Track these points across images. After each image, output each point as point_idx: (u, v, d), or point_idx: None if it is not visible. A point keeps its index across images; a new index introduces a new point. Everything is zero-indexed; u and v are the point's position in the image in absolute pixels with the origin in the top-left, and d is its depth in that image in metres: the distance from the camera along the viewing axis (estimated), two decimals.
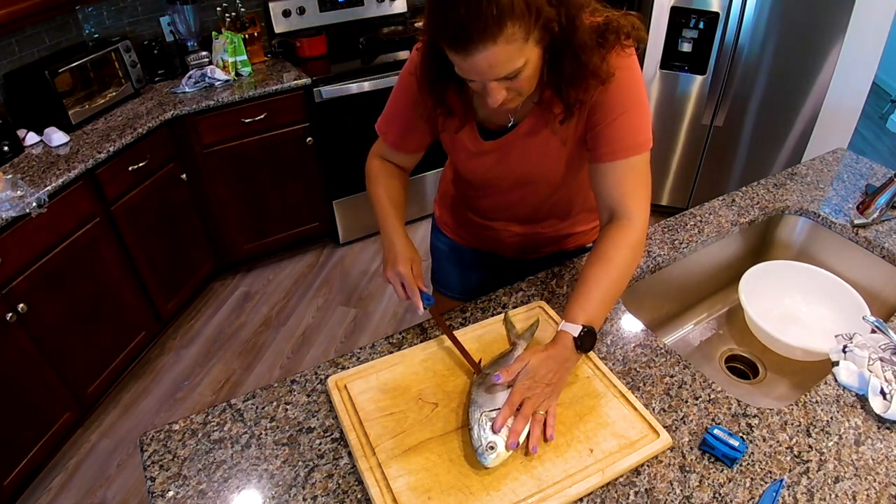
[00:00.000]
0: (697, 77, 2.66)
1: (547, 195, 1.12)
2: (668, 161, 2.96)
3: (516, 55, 0.77)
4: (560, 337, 0.90)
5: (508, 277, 1.19)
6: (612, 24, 0.86)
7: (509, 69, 0.78)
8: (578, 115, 0.94)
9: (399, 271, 1.03)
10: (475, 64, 0.77)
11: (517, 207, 1.17)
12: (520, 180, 1.09)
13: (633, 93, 0.92)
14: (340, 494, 0.81)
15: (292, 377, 1.00)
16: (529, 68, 0.81)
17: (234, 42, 2.51)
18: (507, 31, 0.73)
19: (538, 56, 0.81)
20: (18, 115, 2.13)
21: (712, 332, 1.44)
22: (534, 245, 1.25)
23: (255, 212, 2.70)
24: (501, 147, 1.02)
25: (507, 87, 0.83)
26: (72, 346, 1.98)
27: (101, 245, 2.06)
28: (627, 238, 0.95)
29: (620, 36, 0.87)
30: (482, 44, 0.74)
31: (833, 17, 2.36)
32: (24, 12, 1.89)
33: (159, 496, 0.82)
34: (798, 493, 0.79)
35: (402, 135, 1.13)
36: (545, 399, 0.86)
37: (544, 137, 0.99)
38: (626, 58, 0.89)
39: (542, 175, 1.06)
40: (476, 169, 1.10)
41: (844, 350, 1.00)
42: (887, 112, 4.33)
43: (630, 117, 0.92)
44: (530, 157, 1.02)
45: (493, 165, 1.06)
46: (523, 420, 0.83)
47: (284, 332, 2.54)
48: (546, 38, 0.80)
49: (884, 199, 1.29)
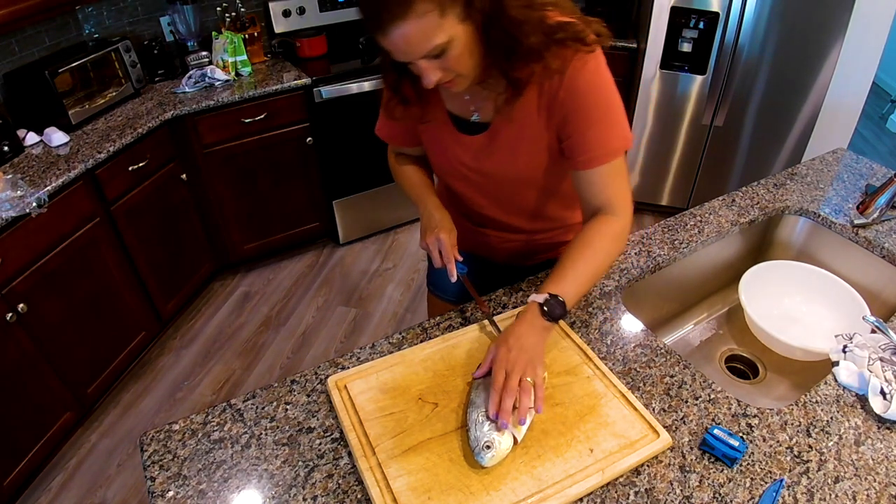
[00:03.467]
0: (697, 77, 2.66)
1: (532, 200, 1.11)
2: (668, 161, 2.96)
3: (433, 31, 0.77)
4: (526, 307, 0.94)
5: (503, 283, 1.18)
6: (571, 25, 0.85)
7: (429, 46, 0.78)
8: (548, 119, 0.94)
9: (440, 237, 1.05)
10: (393, 43, 0.78)
11: (503, 213, 1.16)
12: (498, 181, 1.07)
13: (604, 97, 0.91)
14: (340, 494, 0.81)
15: (292, 377, 1.00)
16: (457, 46, 0.80)
17: (234, 42, 2.51)
18: (418, 7, 0.74)
19: (468, 34, 0.81)
20: (18, 115, 2.13)
21: (712, 332, 1.44)
22: (527, 252, 1.24)
23: (255, 212, 2.70)
24: (477, 143, 1.02)
25: (439, 66, 0.83)
26: (72, 347, 1.98)
27: (101, 245, 2.06)
28: (611, 227, 0.97)
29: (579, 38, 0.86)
30: (392, 22, 0.75)
31: (833, 17, 2.36)
32: (24, 12, 1.89)
33: (159, 496, 0.82)
34: (798, 493, 0.79)
35: (401, 133, 1.15)
36: (527, 365, 0.86)
37: (518, 136, 0.98)
38: (591, 61, 0.88)
39: (522, 177, 1.05)
40: (452, 166, 1.09)
41: (844, 350, 1.00)
42: (887, 112, 4.33)
43: (604, 122, 0.92)
44: (505, 157, 1.01)
45: (470, 163, 1.06)
46: (511, 394, 0.84)
47: (284, 332, 2.54)
48: (475, 16, 0.79)
49: (884, 199, 1.29)
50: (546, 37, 0.84)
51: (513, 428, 0.83)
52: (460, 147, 1.05)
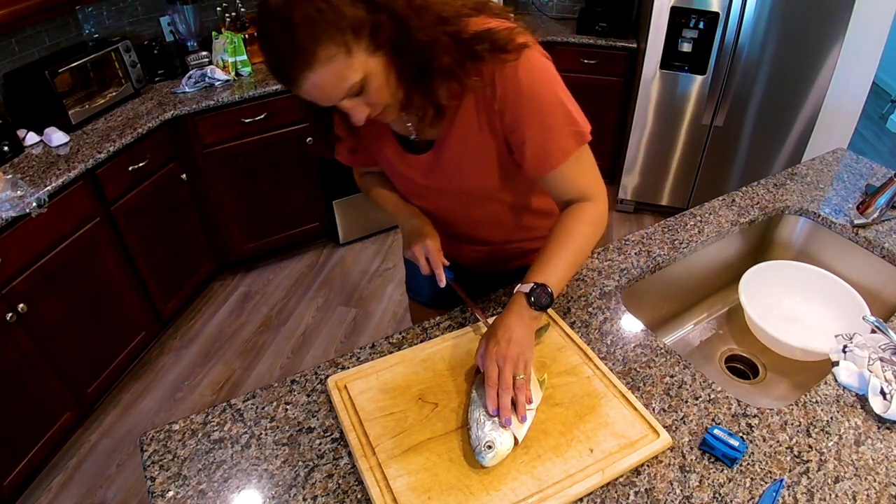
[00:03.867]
0: (697, 77, 2.66)
1: (496, 213, 1.10)
2: (668, 161, 2.96)
3: (345, 72, 0.74)
4: (514, 297, 0.93)
5: (479, 289, 1.17)
6: (490, 34, 0.82)
7: (345, 87, 0.76)
8: (490, 130, 0.91)
9: (426, 244, 1.04)
10: (309, 93, 0.76)
11: (468, 227, 1.15)
12: (453, 197, 1.06)
13: (543, 98, 0.87)
14: (340, 494, 0.81)
15: (292, 377, 1.00)
16: (376, 79, 0.78)
17: (234, 42, 2.51)
18: (320, 54, 0.71)
19: (382, 65, 0.77)
20: (18, 115, 2.13)
21: (712, 332, 1.44)
22: (498, 260, 1.22)
23: (255, 212, 2.70)
24: (424, 161, 1.00)
25: (363, 102, 0.80)
26: (72, 347, 1.98)
27: (101, 245, 2.06)
28: (588, 213, 0.96)
29: (498, 47, 0.82)
30: (301, 75, 0.73)
31: (833, 17, 2.36)
32: (24, 12, 1.89)
33: (159, 496, 0.82)
34: (798, 493, 0.79)
35: (360, 157, 1.13)
36: (518, 358, 0.86)
37: (462, 151, 0.95)
38: (522, 65, 0.84)
39: (476, 192, 1.03)
40: (407, 185, 1.08)
41: (844, 350, 1.00)
42: (887, 112, 4.33)
43: (550, 124, 0.89)
44: (454, 172, 0.99)
45: (420, 181, 1.04)
46: (507, 389, 0.84)
47: (284, 332, 2.54)
48: (385, 46, 0.76)
49: (884, 199, 1.29)
50: (460, 54, 0.80)
51: (514, 427, 0.83)
52: (409, 167, 1.03)
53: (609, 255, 1.26)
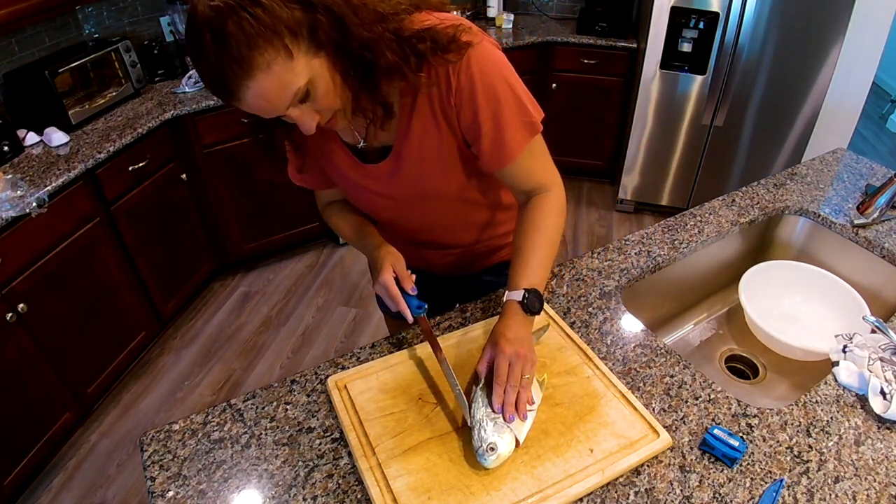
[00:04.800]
0: (697, 77, 2.66)
1: (462, 214, 1.08)
2: (668, 161, 2.96)
3: (287, 77, 0.71)
4: (507, 306, 0.92)
5: (451, 293, 1.16)
6: (431, 32, 0.80)
7: (289, 94, 0.73)
8: (448, 125, 0.90)
9: (381, 281, 0.97)
10: (252, 105, 0.73)
11: (434, 234, 1.13)
12: (417, 203, 1.03)
13: (496, 91, 0.86)
14: (340, 494, 0.81)
15: (292, 377, 1.00)
16: (321, 83, 0.75)
17: None
18: (259, 60, 0.68)
19: (325, 67, 0.74)
20: (18, 115, 2.13)
21: (712, 332, 1.44)
22: (467, 262, 1.21)
23: (255, 212, 2.70)
24: (382, 170, 0.97)
25: (311, 109, 0.78)
26: (72, 347, 1.98)
27: (101, 245, 2.06)
28: (551, 205, 0.97)
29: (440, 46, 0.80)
30: (241, 86, 0.69)
31: (833, 17, 2.36)
32: (24, 12, 1.89)
33: (159, 496, 0.82)
34: (798, 493, 0.79)
35: (315, 177, 1.09)
36: (526, 358, 0.87)
37: (421, 153, 0.94)
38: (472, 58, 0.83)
39: (439, 194, 1.01)
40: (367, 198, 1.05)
41: (844, 350, 1.00)
42: (887, 112, 4.33)
43: (505, 118, 0.87)
44: (414, 176, 0.96)
45: (381, 190, 1.01)
46: (515, 388, 0.84)
47: (284, 332, 2.54)
48: (327, 47, 0.74)
49: (884, 199, 1.29)
50: (403, 51, 0.78)
51: (515, 427, 0.83)
52: (366, 177, 0.99)
53: (609, 255, 1.26)
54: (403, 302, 0.96)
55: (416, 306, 0.97)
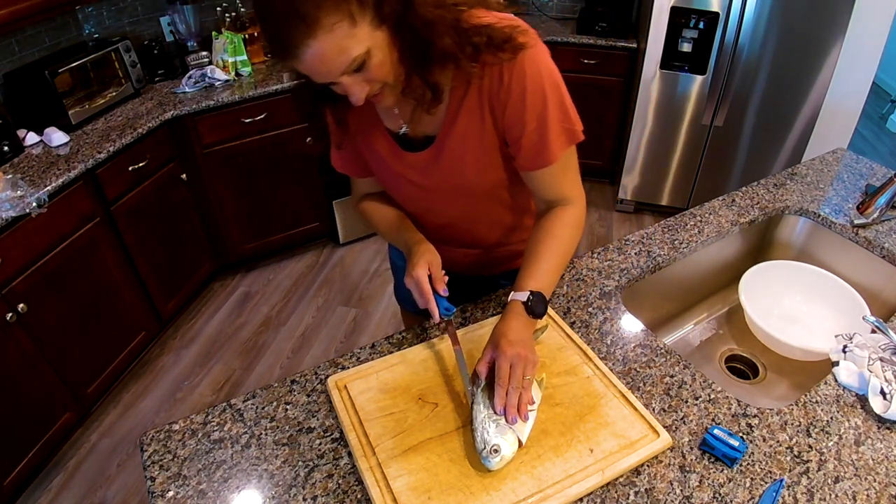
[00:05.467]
0: (697, 77, 2.66)
1: (491, 213, 1.09)
2: (668, 161, 2.96)
3: (348, 43, 0.73)
4: (511, 306, 0.92)
5: (470, 292, 1.16)
6: (488, 30, 0.82)
7: (346, 61, 0.74)
8: (493, 121, 0.91)
9: (414, 275, 0.96)
10: (309, 65, 0.74)
11: (462, 231, 1.13)
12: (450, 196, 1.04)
13: (546, 96, 0.88)
14: (340, 494, 0.81)
15: (292, 377, 1.00)
16: (377, 55, 0.77)
17: (234, 42, 2.51)
18: (325, 21, 0.70)
19: (385, 41, 0.77)
20: (18, 115, 2.13)
21: (712, 332, 1.44)
22: (489, 262, 1.21)
23: (255, 212, 2.70)
24: (423, 159, 0.98)
25: (363, 80, 0.79)
26: (72, 347, 1.98)
27: (101, 245, 2.06)
28: (570, 216, 0.98)
29: (494, 44, 0.82)
30: (302, 43, 0.71)
31: (833, 17, 2.36)
32: (24, 12, 1.89)
33: (159, 496, 0.82)
34: (798, 493, 0.79)
35: (354, 161, 1.09)
36: (527, 360, 0.86)
37: (464, 145, 0.95)
38: (528, 59, 0.85)
39: (475, 189, 1.02)
40: (402, 187, 1.06)
41: (844, 350, 1.00)
42: (887, 112, 4.33)
43: (550, 121, 0.89)
44: (455, 168, 0.98)
45: (419, 180, 1.02)
46: (517, 390, 0.84)
47: (284, 332, 2.54)
48: (389, 20, 0.76)
49: (884, 199, 1.29)
50: (460, 39, 0.80)
51: (518, 428, 0.83)
52: (406, 165, 1.00)
53: (609, 255, 1.26)
54: (433, 301, 0.95)
55: (444, 308, 0.96)
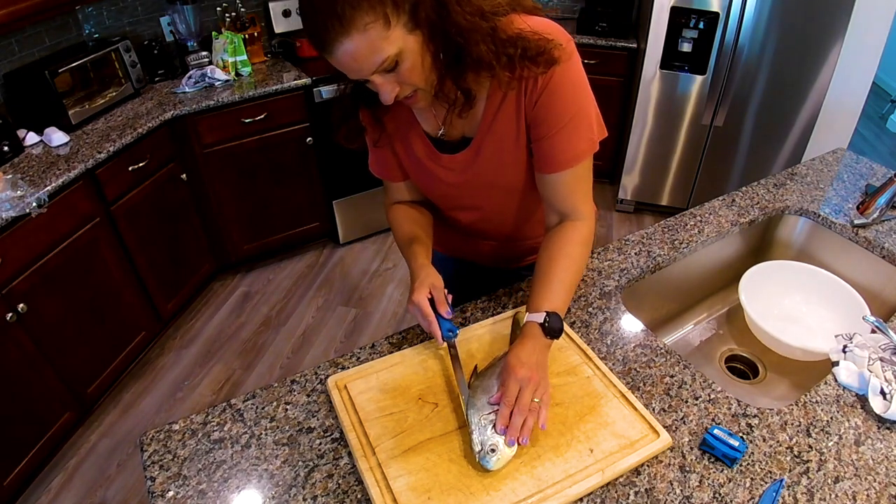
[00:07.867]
0: (697, 77, 2.66)
1: (523, 207, 1.11)
2: (668, 161, 2.96)
3: (380, 44, 0.75)
4: (527, 328, 0.92)
5: (490, 286, 1.17)
6: (523, 42, 0.83)
7: (378, 60, 0.76)
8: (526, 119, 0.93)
9: (414, 300, 0.96)
10: (341, 62, 0.77)
11: (492, 225, 1.15)
12: (485, 195, 1.06)
13: (575, 101, 0.90)
14: (340, 494, 0.81)
15: (292, 377, 1.00)
16: (409, 58, 0.78)
17: (234, 42, 2.51)
18: (359, 21, 0.72)
19: (418, 44, 0.78)
20: (18, 115, 2.13)
21: (712, 332, 1.44)
22: (513, 255, 1.23)
23: (255, 212, 2.70)
24: (460, 161, 1.00)
25: (394, 80, 0.81)
26: (72, 347, 1.98)
27: (101, 245, 2.06)
28: (580, 234, 0.99)
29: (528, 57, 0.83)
30: (336, 40, 0.74)
31: (833, 17, 2.36)
32: (24, 12, 1.89)
33: (159, 496, 0.82)
34: (798, 493, 0.79)
35: (389, 164, 1.10)
36: (539, 384, 0.85)
37: (501, 147, 0.97)
38: (564, 64, 0.86)
39: (510, 187, 1.04)
40: (437, 187, 1.07)
41: (844, 350, 1.00)
42: (887, 112, 4.33)
43: (573, 127, 0.91)
44: (491, 169, 1.00)
45: (455, 181, 1.04)
46: (522, 414, 0.83)
47: (284, 332, 2.54)
48: (423, 25, 0.77)
49: (884, 199, 1.29)
50: (495, 48, 0.82)
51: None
52: (442, 167, 1.03)
53: (609, 255, 1.26)
54: (436, 324, 0.95)
55: (447, 329, 0.96)
